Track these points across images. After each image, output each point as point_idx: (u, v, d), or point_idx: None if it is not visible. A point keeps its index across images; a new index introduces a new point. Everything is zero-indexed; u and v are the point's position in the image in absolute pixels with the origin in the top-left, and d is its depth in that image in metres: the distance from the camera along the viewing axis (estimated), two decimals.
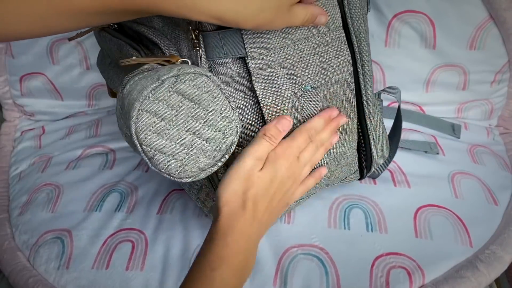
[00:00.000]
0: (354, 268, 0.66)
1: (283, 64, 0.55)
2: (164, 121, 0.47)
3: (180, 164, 0.49)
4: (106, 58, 0.67)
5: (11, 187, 0.90)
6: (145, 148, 0.47)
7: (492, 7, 0.81)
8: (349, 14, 0.57)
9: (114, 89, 0.64)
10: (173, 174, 0.50)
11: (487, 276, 0.64)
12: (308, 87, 0.58)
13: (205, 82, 0.48)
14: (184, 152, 0.49)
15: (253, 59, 0.53)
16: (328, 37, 0.56)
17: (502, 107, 0.95)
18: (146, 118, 0.46)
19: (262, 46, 0.53)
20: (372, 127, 0.66)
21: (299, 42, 0.55)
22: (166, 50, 0.53)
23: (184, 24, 0.51)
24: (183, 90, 0.47)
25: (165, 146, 0.48)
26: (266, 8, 0.45)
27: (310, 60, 0.56)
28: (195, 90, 0.48)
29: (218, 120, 0.50)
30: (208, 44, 0.52)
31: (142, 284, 0.67)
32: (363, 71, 0.60)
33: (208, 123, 0.49)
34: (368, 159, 0.68)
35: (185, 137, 0.48)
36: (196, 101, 0.48)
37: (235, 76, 0.55)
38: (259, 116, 0.58)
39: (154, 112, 0.46)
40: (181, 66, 0.48)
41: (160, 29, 0.54)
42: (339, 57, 0.58)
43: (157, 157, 0.48)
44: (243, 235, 0.52)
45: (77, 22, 0.43)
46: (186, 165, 0.50)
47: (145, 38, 0.56)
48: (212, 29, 0.52)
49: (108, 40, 0.61)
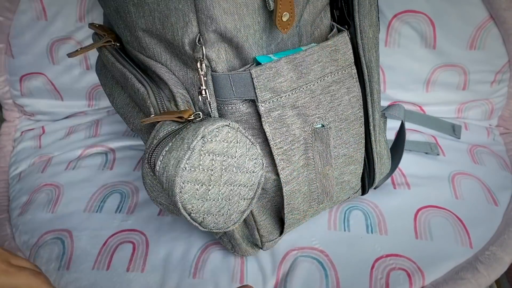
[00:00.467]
0: (354, 270, 0.66)
1: (294, 105, 0.54)
2: (205, 185, 0.48)
3: (226, 217, 0.51)
4: (107, 73, 0.67)
5: (11, 187, 0.90)
6: (194, 216, 0.49)
7: (492, 7, 0.81)
8: (361, 45, 0.56)
9: (116, 110, 0.65)
10: (222, 228, 0.51)
11: (487, 278, 0.64)
12: (319, 126, 0.57)
13: (228, 132, 0.49)
14: (227, 204, 0.51)
15: (263, 102, 0.52)
16: (341, 75, 0.56)
17: (502, 107, 0.95)
18: (189, 189, 0.47)
19: (273, 90, 0.52)
20: (378, 150, 0.66)
21: (312, 83, 0.54)
22: (175, 89, 0.53)
23: (193, 63, 0.51)
24: (213, 149, 0.48)
25: (211, 207, 0.49)
26: None
27: (321, 99, 0.56)
28: (223, 143, 0.48)
29: (247, 161, 0.51)
30: (218, 84, 0.52)
31: (142, 286, 0.67)
32: (372, 98, 0.60)
33: (240, 168, 0.50)
34: (371, 179, 0.69)
35: (225, 190, 0.49)
36: (225, 154, 0.49)
37: (244, 115, 0.54)
38: (266, 153, 0.57)
39: (194, 180, 0.47)
40: (202, 124, 0.48)
41: (168, 66, 0.54)
42: (350, 93, 0.58)
43: (207, 219, 0.49)
44: None
45: None
46: (231, 214, 0.51)
47: (151, 71, 0.55)
48: (222, 71, 0.51)
49: (110, 63, 0.60)
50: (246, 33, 0.49)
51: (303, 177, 0.59)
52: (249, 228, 0.64)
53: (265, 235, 0.64)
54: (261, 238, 0.65)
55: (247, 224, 0.64)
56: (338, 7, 0.57)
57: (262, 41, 0.51)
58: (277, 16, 0.48)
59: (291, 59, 0.52)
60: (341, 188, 0.66)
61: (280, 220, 0.65)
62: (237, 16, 0.48)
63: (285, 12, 0.48)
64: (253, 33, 0.50)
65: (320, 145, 0.58)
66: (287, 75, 0.52)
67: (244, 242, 0.66)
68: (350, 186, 0.67)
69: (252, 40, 0.50)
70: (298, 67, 0.53)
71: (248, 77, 0.51)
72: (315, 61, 0.53)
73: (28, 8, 0.88)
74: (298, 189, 0.59)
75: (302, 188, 0.60)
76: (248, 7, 0.48)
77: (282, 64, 0.51)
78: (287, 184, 0.58)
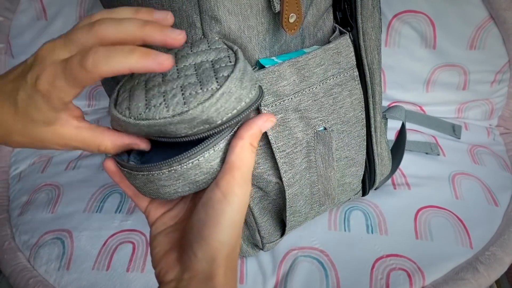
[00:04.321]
0: (354, 270, 0.66)
1: (297, 108, 0.54)
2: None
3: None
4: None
5: (11, 187, 0.90)
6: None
7: (492, 7, 0.81)
8: (364, 47, 0.56)
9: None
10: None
11: (487, 278, 0.64)
12: (321, 128, 0.57)
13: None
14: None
15: (266, 106, 0.52)
16: (343, 78, 0.56)
17: (502, 107, 0.95)
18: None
19: (276, 93, 0.52)
20: (378, 151, 0.66)
21: (314, 86, 0.54)
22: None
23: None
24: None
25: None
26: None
27: (324, 102, 0.56)
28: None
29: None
30: None
31: (143, 286, 0.67)
32: (373, 100, 0.60)
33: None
34: (372, 180, 0.69)
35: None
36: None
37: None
38: (268, 156, 0.56)
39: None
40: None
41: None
42: (352, 95, 0.58)
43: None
44: None
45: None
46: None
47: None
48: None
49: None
50: (250, 34, 0.49)
51: (305, 180, 0.59)
52: (250, 230, 0.64)
53: (266, 236, 0.64)
54: (262, 240, 0.64)
55: (248, 226, 0.64)
56: (341, 9, 0.57)
57: (266, 42, 0.51)
58: (284, 17, 0.48)
59: (293, 62, 0.52)
60: (342, 190, 0.65)
61: (281, 221, 0.65)
62: (241, 17, 0.48)
63: (292, 13, 0.48)
64: (257, 34, 0.50)
65: (322, 147, 0.58)
66: (290, 79, 0.52)
67: (245, 243, 0.66)
68: (351, 187, 0.67)
69: (256, 41, 0.50)
70: (301, 70, 0.52)
71: None
72: (317, 64, 0.53)
73: (28, 8, 0.88)
74: (300, 192, 0.59)
75: (304, 190, 0.60)
76: (252, 8, 0.48)
77: (285, 67, 0.51)
78: (289, 187, 0.58)
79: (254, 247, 0.67)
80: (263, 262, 0.68)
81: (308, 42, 0.56)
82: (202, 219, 0.40)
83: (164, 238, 0.45)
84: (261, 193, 0.59)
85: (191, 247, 0.40)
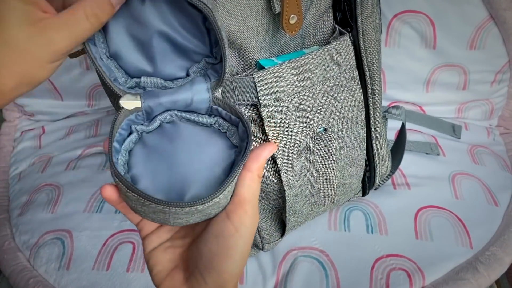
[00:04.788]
0: (354, 270, 0.66)
1: (297, 109, 0.54)
2: None
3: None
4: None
5: (11, 187, 0.90)
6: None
7: (492, 7, 0.81)
8: (363, 47, 0.56)
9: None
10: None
11: (487, 278, 0.64)
12: (321, 129, 0.57)
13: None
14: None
15: (266, 107, 0.52)
16: (343, 78, 0.56)
17: (502, 107, 0.95)
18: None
19: (276, 94, 0.52)
20: (378, 151, 0.66)
21: (314, 86, 0.54)
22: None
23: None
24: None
25: None
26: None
27: (324, 103, 0.56)
28: None
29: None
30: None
31: (143, 286, 0.67)
32: (373, 100, 0.60)
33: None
34: (372, 180, 0.69)
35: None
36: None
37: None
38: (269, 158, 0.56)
39: None
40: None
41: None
42: (352, 96, 0.58)
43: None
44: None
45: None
46: None
47: None
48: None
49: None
50: (249, 35, 0.49)
51: (305, 181, 0.59)
52: None
53: (266, 237, 0.64)
54: (262, 240, 0.64)
55: None
56: (341, 10, 0.57)
57: (265, 43, 0.51)
58: (284, 18, 0.48)
59: (293, 63, 0.52)
60: (342, 190, 0.65)
61: (281, 222, 0.65)
62: (241, 18, 0.48)
63: (292, 14, 0.48)
64: (256, 35, 0.50)
65: (322, 148, 0.58)
66: (289, 79, 0.52)
67: None
68: (351, 188, 0.67)
69: (255, 42, 0.50)
70: (301, 71, 0.52)
71: (250, 81, 0.50)
72: (317, 65, 0.53)
73: None
74: (300, 193, 0.59)
75: (304, 191, 0.60)
76: (252, 9, 0.48)
77: (285, 68, 0.51)
78: (289, 188, 0.58)
79: (254, 247, 0.67)
80: (263, 262, 0.68)
81: (308, 43, 0.56)
82: (214, 250, 0.40)
83: (163, 255, 0.44)
84: (261, 193, 0.59)
85: (201, 275, 0.40)
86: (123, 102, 0.44)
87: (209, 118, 0.46)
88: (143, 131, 0.46)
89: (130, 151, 0.45)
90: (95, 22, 0.38)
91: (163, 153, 0.44)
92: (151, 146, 0.45)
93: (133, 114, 0.45)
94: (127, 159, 0.45)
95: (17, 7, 0.35)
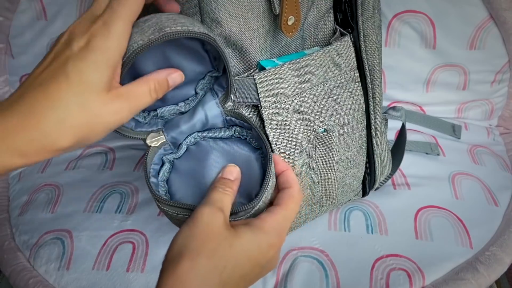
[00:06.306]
0: (354, 270, 0.66)
1: (298, 110, 0.54)
2: None
3: None
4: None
5: (11, 187, 0.90)
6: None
7: (492, 7, 0.81)
8: (364, 48, 0.56)
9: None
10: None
11: (487, 278, 0.64)
12: (321, 130, 0.57)
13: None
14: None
15: (266, 108, 0.52)
16: (343, 79, 0.56)
17: (502, 107, 0.95)
18: None
19: (277, 95, 0.52)
20: (379, 152, 0.66)
21: (315, 87, 0.54)
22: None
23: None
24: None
25: None
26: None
27: (324, 104, 0.56)
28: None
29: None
30: None
31: (143, 286, 0.67)
32: (374, 101, 0.60)
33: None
34: (372, 181, 0.69)
35: None
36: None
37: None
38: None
39: None
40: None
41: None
42: (353, 97, 0.58)
43: None
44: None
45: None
46: None
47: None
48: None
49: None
50: (250, 36, 0.49)
51: (306, 181, 0.59)
52: None
53: None
54: None
55: None
56: (342, 10, 0.57)
57: (266, 44, 0.51)
58: (283, 20, 0.48)
59: (294, 64, 0.52)
60: (343, 191, 0.65)
61: None
62: (242, 19, 0.48)
63: (290, 15, 0.48)
64: (258, 36, 0.50)
65: (323, 149, 0.58)
66: (290, 80, 0.52)
67: None
68: (352, 188, 0.67)
69: (257, 43, 0.50)
70: (302, 72, 0.52)
71: (251, 82, 0.51)
72: (318, 66, 0.53)
73: (28, 8, 0.88)
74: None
75: (304, 192, 0.60)
76: (253, 10, 0.48)
77: (286, 69, 0.51)
78: None
79: None
80: None
81: (309, 44, 0.56)
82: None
83: None
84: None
85: None
86: (150, 142, 0.48)
87: (228, 131, 0.51)
88: (174, 158, 0.50)
89: (167, 180, 0.49)
90: (154, 98, 0.41)
91: (195, 174, 0.49)
92: (183, 170, 0.49)
93: (161, 148, 0.49)
94: (167, 188, 0.49)
95: (101, 69, 0.36)
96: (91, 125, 0.37)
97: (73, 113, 0.36)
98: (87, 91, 0.36)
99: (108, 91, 0.37)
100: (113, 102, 0.37)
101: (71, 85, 0.36)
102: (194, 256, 0.39)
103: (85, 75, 0.36)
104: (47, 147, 0.36)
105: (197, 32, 0.40)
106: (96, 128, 0.37)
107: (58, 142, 0.36)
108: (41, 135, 0.35)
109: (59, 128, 0.36)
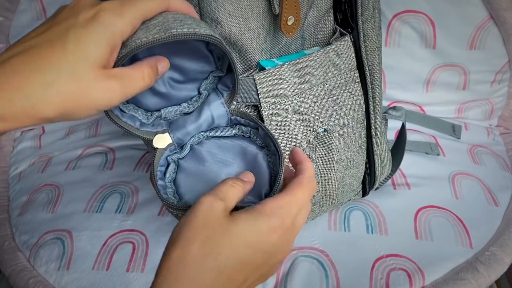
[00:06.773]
0: (354, 270, 0.66)
1: (297, 110, 0.54)
2: None
3: None
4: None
5: (11, 187, 0.90)
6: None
7: (492, 7, 0.81)
8: (364, 48, 0.56)
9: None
10: None
11: (487, 278, 0.64)
12: (321, 130, 0.57)
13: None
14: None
15: (266, 108, 0.52)
16: (343, 79, 0.56)
17: (502, 107, 0.95)
18: None
19: (277, 95, 0.52)
20: (378, 152, 0.66)
21: (315, 87, 0.54)
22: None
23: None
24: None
25: None
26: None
27: (324, 104, 0.56)
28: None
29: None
30: None
31: (143, 286, 0.67)
32: (374, 101, 0.60)
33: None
34: (372, 181, 0.69)
35: None
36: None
37: None
38: None
39: None
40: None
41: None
42: (353, 97, 0.58)
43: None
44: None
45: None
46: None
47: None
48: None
49: None
50: (250, 36, 0.49)
51: None
52: None
53: None
54: None
55: None
56: (342, 10, 0.57)
57: (266, 44, 0.51)
58: (282, 20, 0.48)
59: (294, 64, 0.52)
60: (343, 191, 0.66)
61: None
62: (242, 19, 0.48)
63: (290, 16, 0.48)
64: (257, 36, 0.50)
65: (323, 149, 0.58)
66: (290, 80, 0.52)
67: None
68: (352, 188, 0.67)
69: (256, 43, 0.50)
70: (301, 72, 0.52)
71: (251, 82, 0.51)
72: (318, 66, 0.53)
73: (28, 8, 0.88)
74: None
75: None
76: (253, 10, 0.48)
77: (286, 69, 0.51)
78: None
79: None
80: None
81: (309, 44, 0.56)
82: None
83: None
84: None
85: None
86: (156, 144, 0.48)
87: (232, 130, 0.50)
88: (178, 158, 0.50)
89: (174, 180, 0.49)
90: (147, 83, 0.40)
91: (203, 173, 0.49)
92: (190, 170, 0.49)
93: (167, 150, 0.49)
94: (175, 189, 0.49)
95: (101, 43, 0.36)
96: (79, 97, 0.35)
97: (62, 79, 0.34)
98: (81, 61, 0.35)
99: (102, 68, 0.36)
100: (105, 80, 0.36)
101: (66, 52, 0.34)
102: (185, 244, 0.38)
103: (83, 45, 0.35)
104: (28, 111, 0.34)
105: (203, 34, 0.39)
106: (83, 102, 0.36)
107: (40, 108, 0.34)
108: (22, 96, 0.33)
109: (43, 92, 0.34)
